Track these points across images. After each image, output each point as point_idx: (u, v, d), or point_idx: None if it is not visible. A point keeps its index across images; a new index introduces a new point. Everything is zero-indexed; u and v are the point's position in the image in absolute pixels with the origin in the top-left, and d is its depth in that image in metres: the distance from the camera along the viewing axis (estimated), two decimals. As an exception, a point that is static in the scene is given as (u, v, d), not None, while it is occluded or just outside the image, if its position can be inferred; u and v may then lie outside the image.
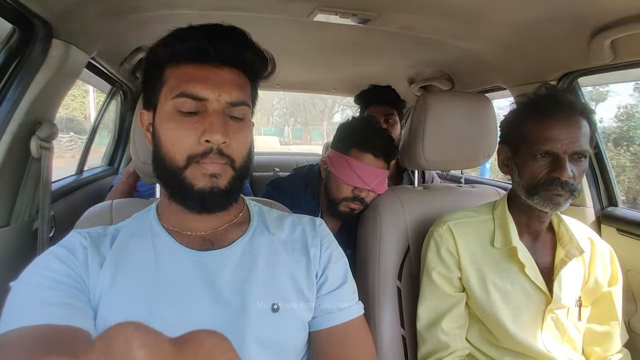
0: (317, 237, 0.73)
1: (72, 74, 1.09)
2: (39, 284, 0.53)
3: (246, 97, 0.63)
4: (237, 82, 0.62)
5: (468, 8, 1.05)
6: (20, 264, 0.52)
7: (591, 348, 0.95)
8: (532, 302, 0.91)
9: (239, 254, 0.65)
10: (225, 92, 0.60)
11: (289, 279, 0.66)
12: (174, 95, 0.59)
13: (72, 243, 0.61)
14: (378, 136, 1.22)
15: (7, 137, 0.92)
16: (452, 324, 0.94)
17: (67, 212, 1.37)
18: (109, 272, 0.59)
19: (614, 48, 1.04)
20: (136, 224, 0.68)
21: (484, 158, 1.21)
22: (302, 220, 0.76)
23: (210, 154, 0.58)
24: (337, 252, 0.74)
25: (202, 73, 0.60)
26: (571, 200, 0.86)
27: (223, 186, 0.60)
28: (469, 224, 0.99)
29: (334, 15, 1.13)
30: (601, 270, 0.95)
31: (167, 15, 1.20)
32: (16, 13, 0.86)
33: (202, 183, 0.59)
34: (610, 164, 1.36)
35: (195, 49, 0.60)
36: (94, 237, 0.64)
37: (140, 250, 0.63)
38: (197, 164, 0.59)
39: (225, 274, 0.62)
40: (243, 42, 0.63)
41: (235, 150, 0.61)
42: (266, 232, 0.70)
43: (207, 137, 0.57)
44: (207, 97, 0.59)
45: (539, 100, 0.89)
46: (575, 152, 0.83)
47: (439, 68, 1.82)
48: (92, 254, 0.60)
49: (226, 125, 0.59)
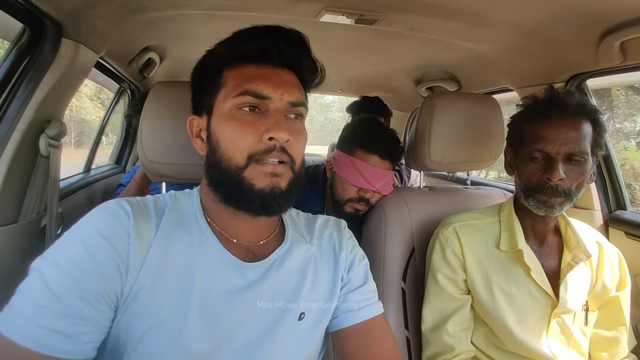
0: (344, 240, 0.73)
1: (81, 73, 1.10)
2: (54, 287, 0.48)
3: (304, 99, 0.64)
4: (296, 83, 0.63)
5: (475, 9, 1.05)
6: (28, 261, 0.52)
7: (598, 353, 0.94)
8: (538, 305, 0.90)
9: (277, 264, 0.64)
10: (288, 91, 0.59)
11: (316, 287, 0.66)
12: (236, 94, 0.58)
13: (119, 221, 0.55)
14: (384, 137, 1.21)
15: (17, 135, 0.94)
16: (457, 326, 0.94)
17: (74, 209, 1.38)
18: (153, 269, 0.55)
19: (623, 50, 1.02)
20: (179, 212, 0.63)
21: (491, 160, 1.20)
22: (329, 223, 0.76)
23: (274, 151, 0.57)
24: (360, 253, 0.75)
25: (264, 72, 0.60)
26: (569, 204, 0.85)
27: (284, 187, 0.58)
28: (474, 226, 0.98)
29: (340, 15, 1.13)
30: (609, 275, 0.94)
31: (175, 15, 1.20)
32: (26, 12, 0.87)
33: (262, 183, 0.57)
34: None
35: (259, 50, 0.60)
36: (137, 212, 0.58)
37: (186, 249, 0.59)
38: (257, 162, 0.57)
39: (262, 285, 0.61)
40: (303, 47, 0.63)
41: (296, 150, 0.60)
42: (303, 241, 0.70)
43: (271, 134, 0.56)
44: (270, 95, 0.58)
45: (536, 102, 0.90)
46: (569, 153, 0.82)
47: (446, 69, 1.81)
48: (134, 243, 0.55)
49: (288, 124, 0.58)
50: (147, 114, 0.85)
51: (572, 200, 0.85)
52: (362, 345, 0.66)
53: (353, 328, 0.67)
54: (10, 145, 0.93)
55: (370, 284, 0.73)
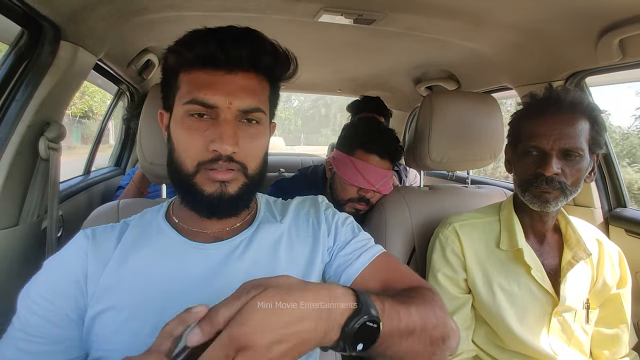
0: (321, 213, 0.74)
1: (80, 76, 1.10)
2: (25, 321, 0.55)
3: (260, 103, 0.61)
4: (251, 87, 0.60)
5: (473, 8, 1.05)
6: (28, 263, 0.53)
7: (599, 351, 0.94)
8: (539, 304, 0.90)
9: (245, 243, 0.65)
10: (237, 98, 0.58)
11: (293, 263, 0.66)
12: (185, 101, 0.59)
13: (70, 254, 0.62)
14: (384, 137, 1.21)
15: (16, 138, 0.94)
16: (459, 325, 0.93)
17: (75, 212, 1.38)
18: (114, 269, 0.60)
19: (622, 47, 1.02)
20: (142, 226, 0.68)
21: (491, 158, 1.20)
22: (305, 203, 0.77)
23: (220, 161, 0.58)
24: (343, 216, 0.75)
25: (213, 79, 0.58)
26: (565, 200, 0.85)
27: (233, 192, 0.60)
28: (474, 225, 0.98)
29: (339, 15, 1.13)
30: (609, 272, 0.94)
31: (173, 17, 1.20)
32: (25, 15, 0.87)
33: (211, 189, 0.59)
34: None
35: (205, 56, 0.58)
36: (98, 236, 0.64)
37: (144, 250, 0.63)
38: (206, 170, 0.59)
39: (229, 264, 0.62)
40: (257, 45, 0.60)
41: (248, 156, 0.60)
42: (272, 221, 0.71)
43: (215, 147, 0.57)
44: (218, 104, 0.58)
45: (532, 100, 0.90)
46: (564, 149, 0.83)
47: (445, 68, 1.81)
48: (93, 258, 0.61)
49: (237, 134, 0.58)
50: (146, 116, 0.85)
51: (567, 196, 0.85)
52: (377, 281, 0.65)
53: (362, 275, 0.66)
54: (9, 148, 0.93)
55: (361, 234, 0.73)
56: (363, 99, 2.02)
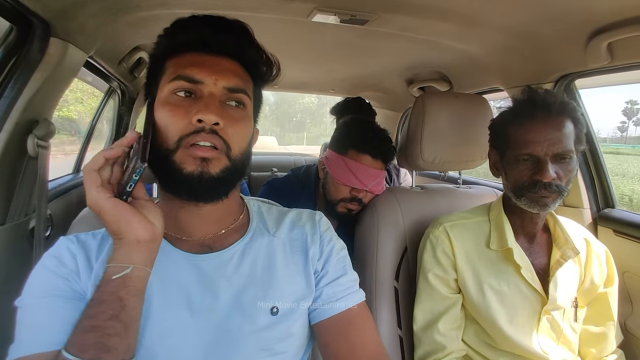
0: (317, 234, 0.71)
1: (70, 73, 1.09)
2: (47, 307, 0.53)
3: (246, 87, 0.62)
4: (237, 71, 0.62)
5: (466, 10, 1.06)
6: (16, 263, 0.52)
7: (587, 349, 0.95)
8: (528, 303, 0.91)
9: (238, 256, 0.64)
10: (224, 77, 0.59)
11: (288, 281, 0.65)
12: (171, 78, 0.59)
13: (59, 252, 0.60)
14: (376, 137, 1.22)
15: (4, 136, 0.92)
16: (448, 325, 0.95)
17: (64, 211, 1.36)
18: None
19: (610, 50, 1.04)
20: None
21: (482, 159, 1.21)
22: (302, 216, 0.75)
23: (202, 133, 0.55)
24: (338, 244, 0.73)
25: (203, 59, 0.59)
26: (560, 200, 0.87)
27: (214, 173, 0.56)
28: (464, 225, 0.99)
29: (332, 15, 1.13)
30: (597, 271, 0.95)
31: (164, 15, 1.19)
32: (14, 11, 0.86)
33: (191, 167, 0.56)
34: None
35: (197, 39, 0.60)
36: (82, 241, 0.62)
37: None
38: (187, 147, 0.56)
39: (222, 277, 0.61)
40: (245, 37, 0.62)
41: (232, 136, 0.58)
42: (266, 233, 0.69)
43: (199, 116, 0.55)
44: (204, 80, 0.58)
45: (518, 104, 0.90)
46: (557, 153, 0.83)
47: (437, 69, 1.82)
48: (81, 260, 0.59)
49: (222, 110, 0.57)
50: (137, 113, 0.84)
51: (562, 195, 0.86)
52: (341, 336, 0.65)
53: (332, 320, 0.66)
54: (-3, 145, 0.91)
55: (350, 274, 0.71)
56: (345, 101, 2.04)
